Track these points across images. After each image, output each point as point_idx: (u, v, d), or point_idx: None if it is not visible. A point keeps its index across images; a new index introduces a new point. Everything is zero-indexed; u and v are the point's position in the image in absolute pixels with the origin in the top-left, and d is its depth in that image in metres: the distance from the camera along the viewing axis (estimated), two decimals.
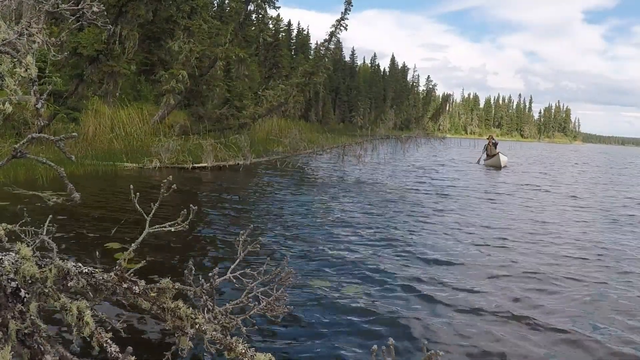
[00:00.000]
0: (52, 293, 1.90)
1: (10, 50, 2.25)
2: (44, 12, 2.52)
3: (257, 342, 3.44)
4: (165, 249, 5.56)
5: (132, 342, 3.21)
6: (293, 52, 56.22)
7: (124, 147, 14.23)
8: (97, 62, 13.10)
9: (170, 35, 18.97)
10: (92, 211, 7.27)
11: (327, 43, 18.02)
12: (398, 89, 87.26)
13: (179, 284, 2.08)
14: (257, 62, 38.28)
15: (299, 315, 3.97)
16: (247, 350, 1.94)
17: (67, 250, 5.06)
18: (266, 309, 2.24)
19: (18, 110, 11.49)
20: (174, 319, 2.01)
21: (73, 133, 2.42)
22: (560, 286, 5.15)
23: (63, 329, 3.02)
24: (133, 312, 3.51)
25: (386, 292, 4.67)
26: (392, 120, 35.23)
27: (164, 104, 16.94)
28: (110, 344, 1.83)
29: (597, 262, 6.26)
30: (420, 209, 9.59)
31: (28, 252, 1.94)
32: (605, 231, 8.48)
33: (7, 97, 2.15)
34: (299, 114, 39.45)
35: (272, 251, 5.81)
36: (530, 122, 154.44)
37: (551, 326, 4.08)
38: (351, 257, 5.78)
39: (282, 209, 8.83)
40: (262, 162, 16.17)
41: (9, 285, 1.79)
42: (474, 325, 4.03)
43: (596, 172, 26.18)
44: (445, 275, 5.32)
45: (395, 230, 7.42)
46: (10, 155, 2.13)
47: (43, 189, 8.36)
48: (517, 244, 7.02)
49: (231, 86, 19.51)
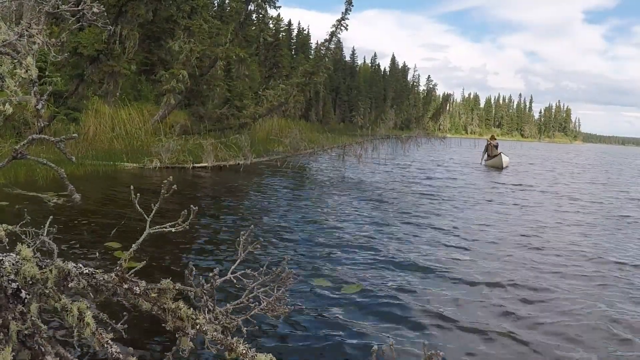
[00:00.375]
0: (53, 294, 1.90)
1: (11, 52, 2.25)
2: (44, 13, 2.53)
3: (258, 342, 3.44)
4: (166, 249, 5.56)
5: (133, 343, 3.21)
6: (293, 52, 56.21)
7: (125, 147, 14.23)
8: (97, 62, 13.11)
9: (170, 35, 18.97)
10: (92, 211, 7.27)
11: (328, 43, 18.04)
12: (398, 88, 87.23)
13: (179, 285, 2.08)
14: (258, 62, 38.28)
15: (300, 315, 3.97)
16: (248, 350, 1.94)
17: (68, 251, 5.06)
18: (267, 309, 2.24)
19: (18, 111, 11.49)
20: (175, 320, 2.01)
21: (73, 134, 2.42)
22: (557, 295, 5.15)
23: (63, 330, 3.02)
24: (134, 312, 3.51)
25: (386, 292, 4.67)
26: (392, 120, 35.26)
27: (164, 104, 16.95)
28: (111, 345, 1.83)
29: (599, 273, 6.21)
30: (420, 209, 9.59)
31: (29, 253, 1.95)
32: (608, 236, 8.37)
33: (7, 97, 2.16)
34: (299, 113, 39.45)
35: (272, 251, 5.81)
36: (530, 122, 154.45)
37: (545, 339, 4.08)
38: (352, 257, 5.78)
39: (282, 209, 8.83)
40: (263, 162, 16.17)
41: (9, 286, 1.79)
42: (475, 326, 4.03)
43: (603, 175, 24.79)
44: (446, 276, 5.32)
45: (396, 231, 7.41)
46: (11, 156, 2.13)
47: (43, 189, 8.37)
48: (523, 249, 7.02)
49: (231, 86, 19.52)
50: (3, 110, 2.11)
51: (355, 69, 77.86)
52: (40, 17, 2.55)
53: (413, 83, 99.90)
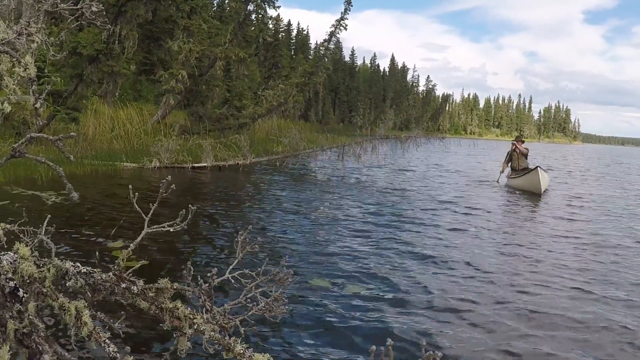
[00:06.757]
0: (51, 293, 1.90)
1: (10, 50, 2.25)
2: (43, 11, 2.52)
3: (256, 342, 3.44)
4: (164, 249, 5.56)
5: (131, 342, 3.21)
6: (293, 52, 56.24)
7: (124, 147, 14.23)
8: (96, 62, 13.09)
9: (170, 35, 18.95)
10: (91, 211, 7.27)
11: (327, 43, 18.03)
12: (398, 89, 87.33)
13: (177, 284, 2.08)
14: (257, 62, 38.29)
15: (298, 315, 3.97)
16: (245, 350, 1.93)
17: (66, 249, 5.06)
18: (265, 310, 2.24)
19: (17, 110, 11.48)
20: (173, 319, 2.00)
21: (71, 133, 2.42)
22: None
23: (61, 329, 3.02)
24: (132, 312, 3.51)
25: (386, 292, 4.67)
26: (391, 120, 35.27)
27: (164, 104, 16.94)
28: (109, 344, 1.83)
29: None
30: (420, 209, 9.59)
31: (26, 251, 1.94)
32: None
33: (6, 96, 2.15)
34: (298, 114, 39.44)
35: (271, 251, 5.81)
36: (530, 122, 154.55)
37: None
38: (350, 257, 5.78)
39: (281, 209, 8.82)
40: (262, 162, 16.17)
41: (7, 284, 1.79)
42: (476, 326, 4.03)
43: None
44: (447, 276, 5.32)
45: (396, 231, 7.41)
46: (10, 154, 2.13)
47: (42, 188, 8.36)
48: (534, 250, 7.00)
49: (231, 86, 19.51)
50: (2, 109, 2.11)
51: (355, 69, 77.92)
52: (39, 16, 2.55)
53: (412, 83, 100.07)
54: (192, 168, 13.38)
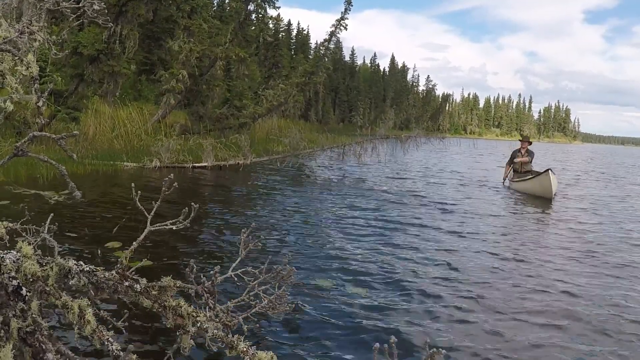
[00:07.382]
0: (54, 291, 1.90)
1: (12, 49, 2.25)
2: (45, 10, 2.52)
3: (259, 340, 3.43)
4: (167, 247, 5.56)
5: (134, 341, 3.21)
6: (293, 51, 56.24)
7: (124, 146, 14.23)
8: (97, 61, 13.10)
9: (170, 35, 18.95)
10: (93, 210, 7.27)
11: (327, 43, 18.00)
12: (398, 88, 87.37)
13: (180, 283, 2.08)
14: (257, 62, 38.30)
15: (301, 313, 3.97)
16: (248, 348, 1.93)
17: (69, 248, 5.06)
18: (268, 307, 2.24)
19: (19, 110, 11.49)
20: (176, 318, 2.00)
21: (74, 132, 2.42)
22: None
23: (64, 327, 3.02)
24: (135, 310, 3.51)
25: (388, 291, 4.67)
26: (391, 120, 35.25)
27: (164, 104, 16.93)
28: (112, 342, 1.83)
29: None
30: (422, 210, 9.59)
31: (29, 250, 1.94)
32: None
33: (8, 95, 2.15)
34: (298, 113, 39.48)
35: (273, 250, 5.80)
36: (530, 122, 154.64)
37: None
38: (353, 256, 5.78)
39: (282, 208, 8.83)
40: (262, 162, 16.17)
41: (10, 283, 1.79)
42: (477, 326, 4.03)
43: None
44: (447, 276, 5.32)
45: (396, 231, 7.41)
46: (12, 153, 2.13)
47: (44, 188, 8.36)
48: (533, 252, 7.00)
49: (231, 86, 19.51)
50: (4, 108, 2.10)
51: (355, 69, 77.94)
52: (41, 14, 2.55)
53: (412, 83, 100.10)
54: (192, 168, 13.38)
